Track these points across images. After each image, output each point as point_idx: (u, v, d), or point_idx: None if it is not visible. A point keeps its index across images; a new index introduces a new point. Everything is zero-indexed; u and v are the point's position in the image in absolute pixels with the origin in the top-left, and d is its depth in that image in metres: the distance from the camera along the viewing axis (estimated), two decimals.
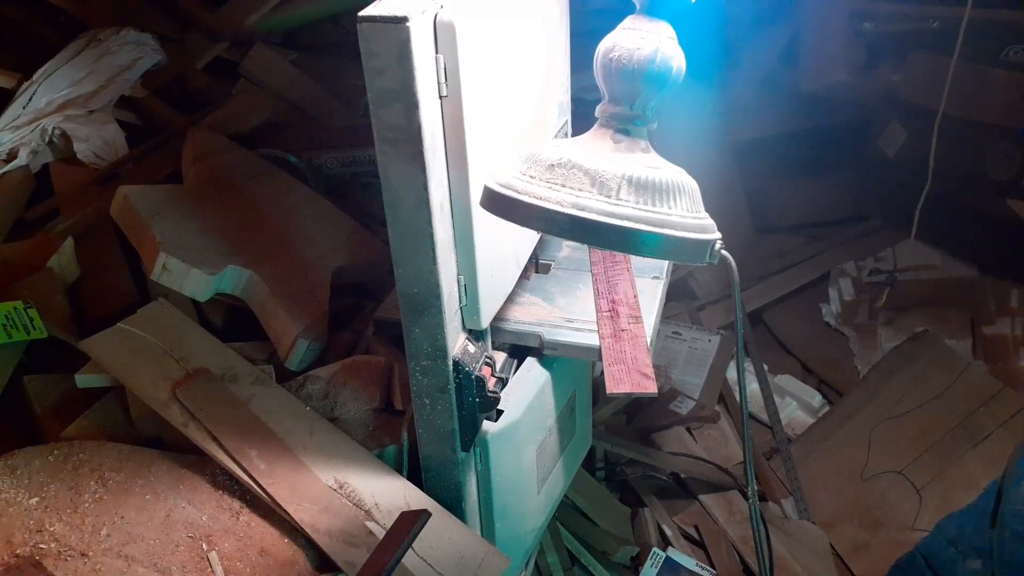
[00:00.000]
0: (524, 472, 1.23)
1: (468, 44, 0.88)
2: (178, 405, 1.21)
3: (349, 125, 2.26)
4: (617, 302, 1.17)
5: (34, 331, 1.32)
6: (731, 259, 0.80)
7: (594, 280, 1.22)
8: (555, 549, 1.58)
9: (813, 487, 1.85)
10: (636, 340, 1.09)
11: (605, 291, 1.20)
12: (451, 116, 0.91)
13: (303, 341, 1.37)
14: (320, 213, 1.74)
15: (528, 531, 1.32)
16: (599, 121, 0.84)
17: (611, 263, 1.26)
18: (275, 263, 1.50)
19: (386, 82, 0.84)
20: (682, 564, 1.63)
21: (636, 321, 1.14)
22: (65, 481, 1.12)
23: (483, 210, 0.84)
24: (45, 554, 1.02)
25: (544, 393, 1.22)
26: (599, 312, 1.15)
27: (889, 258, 2.43)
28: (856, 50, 2.56)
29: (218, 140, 1.90)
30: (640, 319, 1.15)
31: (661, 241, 0.76)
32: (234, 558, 1.08)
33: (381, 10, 0.82)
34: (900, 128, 2.51)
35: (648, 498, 1.79)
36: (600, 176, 0.77)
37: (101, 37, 2.24)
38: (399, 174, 0.90)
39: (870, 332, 2.27)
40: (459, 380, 1.05)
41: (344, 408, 1.30)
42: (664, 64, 0.79)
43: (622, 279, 1.22)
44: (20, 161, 1.95)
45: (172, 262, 1.35)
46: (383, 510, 1.14)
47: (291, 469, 1.15)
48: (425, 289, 0.97)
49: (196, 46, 2.44)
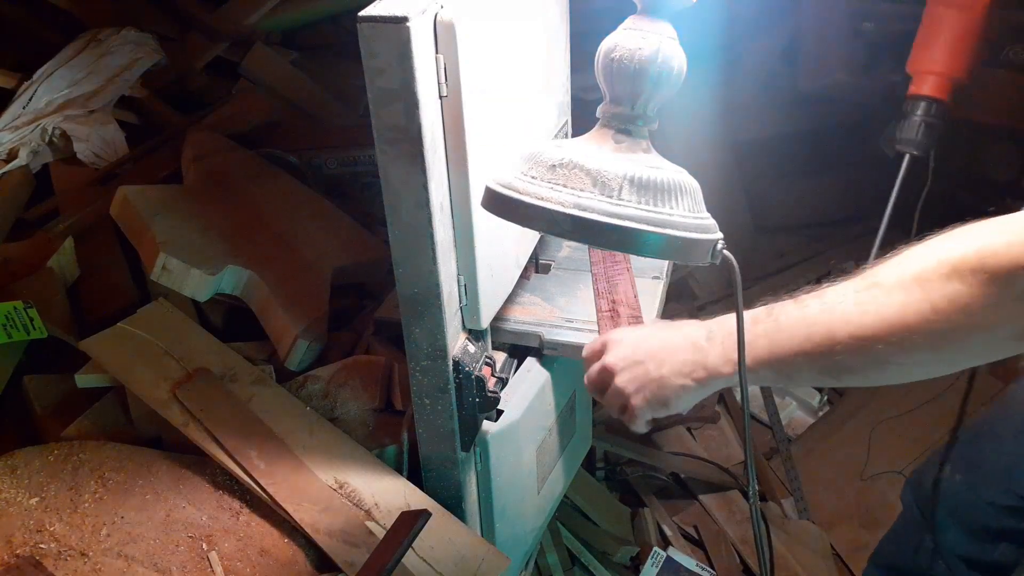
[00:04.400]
0: (524, 472, 1.23)
1: (468, 44, 0.88)
2: (178, 405, 1.21)
3: (349, 125, 2.26)
4: (618, 302, 1.17)
5: (34, 331, 1.32)
6: (733, 259, 0.80)
7: (594, 280, 1.22)
8: (555, 549, 1.58)
9: (813, 487, 1.85)
10: None
11: (605, 291, 1.20)
12: (451, 116, 0.91)
13: (303, 341, 1.37)
14: (320, 213, 1.74)
15: (528, 531, 1.32)
16: (600, 121, 0.84)
17: (611, 263, 1.26)
18: (275, 263, 1.50)
19: (386, 82, 0.84)
20: (682, 564, 1.63)
21: (637, 321, 1.14)
22: (65, 481, 1.12)
23: (483, 210, 0.84)
24: (45, 554, 1.02)
25: (544, 393, 1.22)
26: (600, 312, 1.15)
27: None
28: (856, 50, 2.56)
29: (218, 140, 1.90)
30: (641, 319, 1.14)
31: (663, 241, 0.76)
32: (234, 558, 1.08)
33: (381, 10, 0.82)
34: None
35: (648, 498, 1.79)
36: (602, 176, 0.76)
37: (101, 37, 2.24)
38: (399, 174, 0.90)
39: None
40: (459, 380, 1.05)
41: (344, 408, 1.30)
42: (665, 64, 0.79)
43: (622, 279, 1.22)
44: (20, 161, 1.95)
45: (172, 262, 1.35)
46: (383, 510, 1.14)
47: (291, 469, 1.15)
48: (425, 289, 0.97)
49: (196, 46, 2.43)
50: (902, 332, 0.67)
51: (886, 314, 0.68)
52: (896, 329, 0.67)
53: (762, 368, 0.77)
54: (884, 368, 0.70)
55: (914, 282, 0.66)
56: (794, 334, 0.74)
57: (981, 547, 1.24)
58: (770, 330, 0.76)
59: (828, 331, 0.71)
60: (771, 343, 0.76)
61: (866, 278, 0.71)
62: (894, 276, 0.68)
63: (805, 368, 0.75)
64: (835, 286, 0.74)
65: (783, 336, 0.75)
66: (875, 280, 0.70)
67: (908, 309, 0.66)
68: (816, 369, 0.74)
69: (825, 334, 0.71)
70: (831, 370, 0.73)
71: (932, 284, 0.65)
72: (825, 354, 0.72)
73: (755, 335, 0.77)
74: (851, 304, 0.70)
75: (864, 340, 0.69)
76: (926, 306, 0.65)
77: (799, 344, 0.74)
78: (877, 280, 0.70)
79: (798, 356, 0.74)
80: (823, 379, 0.75)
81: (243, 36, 2.40)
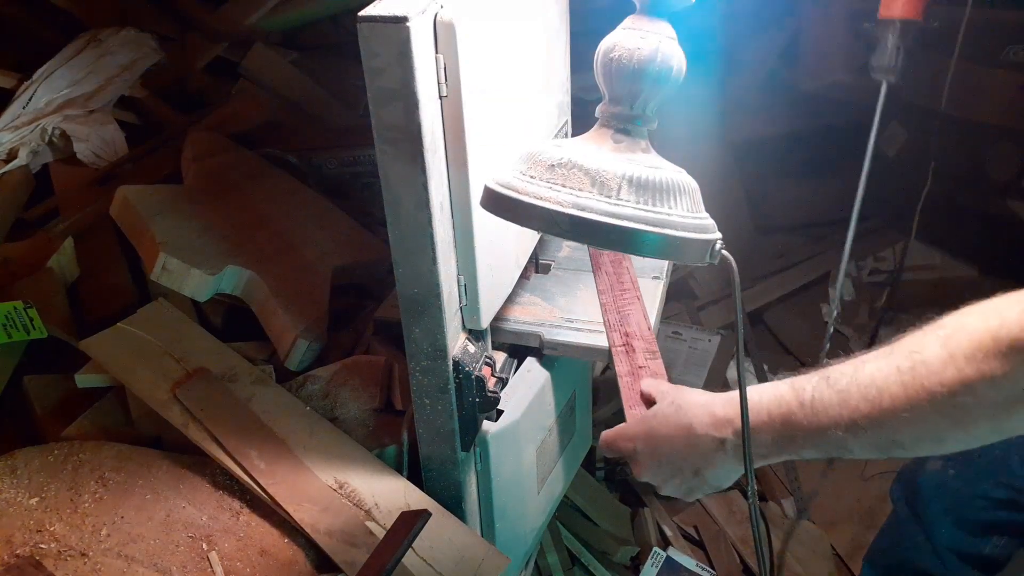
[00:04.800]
0: (524, 472, 1.23)
1: (468, 44, 0.88)
2: (178, 405, 1.21)
3: (349, 125, 2.26)
4: (631, 335, 1.12)
5: (34, 331, 1.32)
6: (732, 259, 0.80)
7: (603, 310, 1.18)
8: (555, 549, 1.58)
9: (813, 487, 1.85)
10: (657, 379, 1.04)
11: (616, 323, 1.15)
12: (451, 116, 0.91)
13: (303, 341, 1.37)
14: (320, 213, 1.74)
15: (528, 531, 1.32)
16: (599, 121, 0.84)
17: (619, 291, 1.22)
18: (275, 263, 1.50)
19: (386, 82, 0.84)
20: (682, 564, 1.63)
21: (654, 357, 1.08)
22: (65, 481, 1.12)
23: (483, 210, 0.84)
24: (45, 554, 1.02)
25: (544, 393, 1.22)
26: (614, 347, 1.11)
27: (889, 258, 2.43)
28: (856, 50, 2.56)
29: (218, 140, 1.90)
30: (658, 354, 1.09)
31: (662, 241, 0.76)
32: (234, 558, 1.08)
33: (381, 10, 0.81)
34: (900, 128, 2.51)
35: (648, 498, 1.79)
36: (601, 176, 0.76)
37: (101, 37, 2.24)
38: (399, 174, 0.90)
39: (870, 332, 2.27)
40: (459, 380, 1.05)
41: (344, 408, 1.30)
42: (665, 64, 0.79)
43: (633, 309, 1.18)
44: (20, 161, 1.95)
45: (172, 262, 1.35)
46: (383, 510, 1.14)
47: (291, 469, 1.15)
48: (425, 289, 0.97)
49: (196, 46, 2.44)
50: (960, 414, 0.65)
51: (937, 394, 0.66)
52: (951, 412, 0.66)
53: (804, 451, 0.77)
54: (943, 445, 0.69)
55: (966, 361, 0.64)
56: (837, 420, 0.73)
57: (973, 540, 1.24)
58: (808, 415, 0.75)
59: (874, 417, 0.70)
60: (809, 435, 0.75)
61: (909, 356, 0.69)
62: (942, 353, 0.66)
63: (857, 450, 0.74)
64: (869, 365, 0.72)
65: (820, 420, 0.74)
66: (921, 358, 0.67)
67: (963, 387, 0.64)
68: (866, 450, 0.73)
69: (872, 418, 0.70)
70: (882, 449, 0.72)
71: (989, 362, 0.63)
72: (872, 439, 0.71)
73: (793, 427, 0.76)
74: (896, 385, 0.68)
75: (918, 426, 0.68)
76: (983, 384, 0.63)
77: (843, 433, 0.73)
78: (924, 359, 0.67)
79: (844, 439, 0.73)
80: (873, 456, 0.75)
81: (243, 36, 2.40)
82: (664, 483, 0.90)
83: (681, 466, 0.87)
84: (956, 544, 1.26)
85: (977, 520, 1.23)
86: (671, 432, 0.87)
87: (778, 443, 0.78)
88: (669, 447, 0.87)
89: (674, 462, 0.87)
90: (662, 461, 0.88)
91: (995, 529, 1.23)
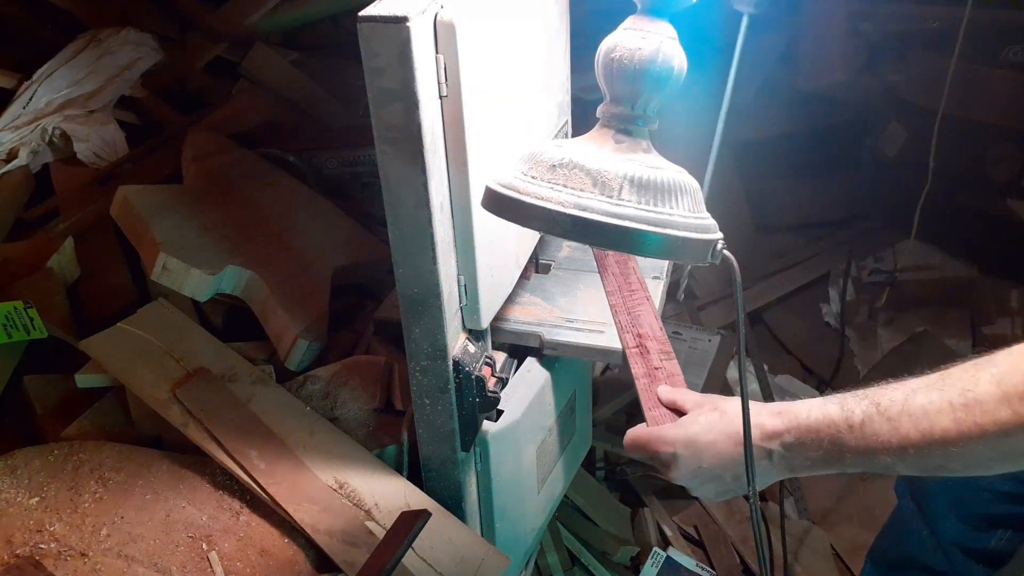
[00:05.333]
0: (524, 472, 1.23)
1: (468, 44, 0.88)
2: (178, 405, 1.21)
3: (349, 125, 2.26)
4: (644, 336, 1.12)
5: (34, 331, 1.32)
6: (733, 259, 0.80)
7: (613, 311, 1.17)
8: (555, 549, 1.58)
9: (813, 487, 1.85)
10: (673, 380, 1.04)
11: (628, 324, 1.14)
12: (451, 116, 0.91)
13: (303, 341, 1.37)
14: (320, 213, 1.74)
15: (528, 531, 1.32)
16: (600, 121, 0.84)
17: (627, 292, 1.20)
18: (275, 263, 1.50)
19: (386, 82, 0.84)
20: (682, 564, 1.63)
21: (669, 357, 1.08)
22: (65, 481, 1.12)
23: (483, 210, 0.84)
24: (45, 554, 1.02)
25: (544, 393, 1.22)
26: (628, 349, 1.10)
27: (889, 258, 2.43)
28: (856, 50, 2.56)
29: (218, 140, 1.90)
30: (672, 355, 1.09)
31: (664, 241, 0.76)
32: (234, 558, 1.08)
33: (381, 10, 0.81)
34: (900, 128, 2.51)
35: (648, 498, 1.79)
36: (602, 176, 0.76)
37: (101, 37, 2.24)
38: (399, 174, 0.90)
39: (870, 332, 2.27)
40: (459, 380, 1.05)
41: (344, 408, 1.30)
42: (665, 64, 0.79)
43: (643, 309, 1.17)
44: (20, 161, 1.95)
45: (172, 262, 1.35)
46: (383, 510, 1.14)
47: (291, 469, 1.15)
48: (425, 289, 0.97)
49: (196, 46, 2.43)
50: (1012, 451, 0.69)
51: (991, 432, 0.69)
52: (1004, 448, 0.69)
53: (849, 468, 0.81)
54: (990, 471, 0.73)
55: (1021, 401, 0.67)
56: (887, 446, 0.76)
57: (978, 535, 1.24)
58: (857, 439, 0.78)
59: (923, 448, 0.73)
60: (857, 456, 0.79)
61: (963, 394, 0.71)
62: (997, 392, 0.69)
63: (902, 470, 0.77)
64: (920, 396, 0.75)
65: (870, 444, 0.77)
66: (975, 396, 0.70)
67: (1017, 427, 0.67)
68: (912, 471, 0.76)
69: (921, 448, 0.73)
70: (929, 471, 0.75)
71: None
72: (919, 464, 0.75)
73: (842, 447, 0.79)
74: (949, 420, 0.71)
75: (968, 458, 0.71)
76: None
77: (891, 459, 0.76)
78: (977, 397, 0.70)
79: (892, 463, 0.77)
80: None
81: (243, 36, 2.40)
82: (700, 486, 0.92)
83: (722, 473, 0.88)
84: (961, 539, 1.25)
85: (982, 514, 1.22)
86: (715, 439, 0.88)
87: (825, 459, 0.82)
88: (712, 454, 0.88)
89: (716, 469, 0.88)
90: (703, 467, 0.89)
91: (1000, 523, 1.22)
